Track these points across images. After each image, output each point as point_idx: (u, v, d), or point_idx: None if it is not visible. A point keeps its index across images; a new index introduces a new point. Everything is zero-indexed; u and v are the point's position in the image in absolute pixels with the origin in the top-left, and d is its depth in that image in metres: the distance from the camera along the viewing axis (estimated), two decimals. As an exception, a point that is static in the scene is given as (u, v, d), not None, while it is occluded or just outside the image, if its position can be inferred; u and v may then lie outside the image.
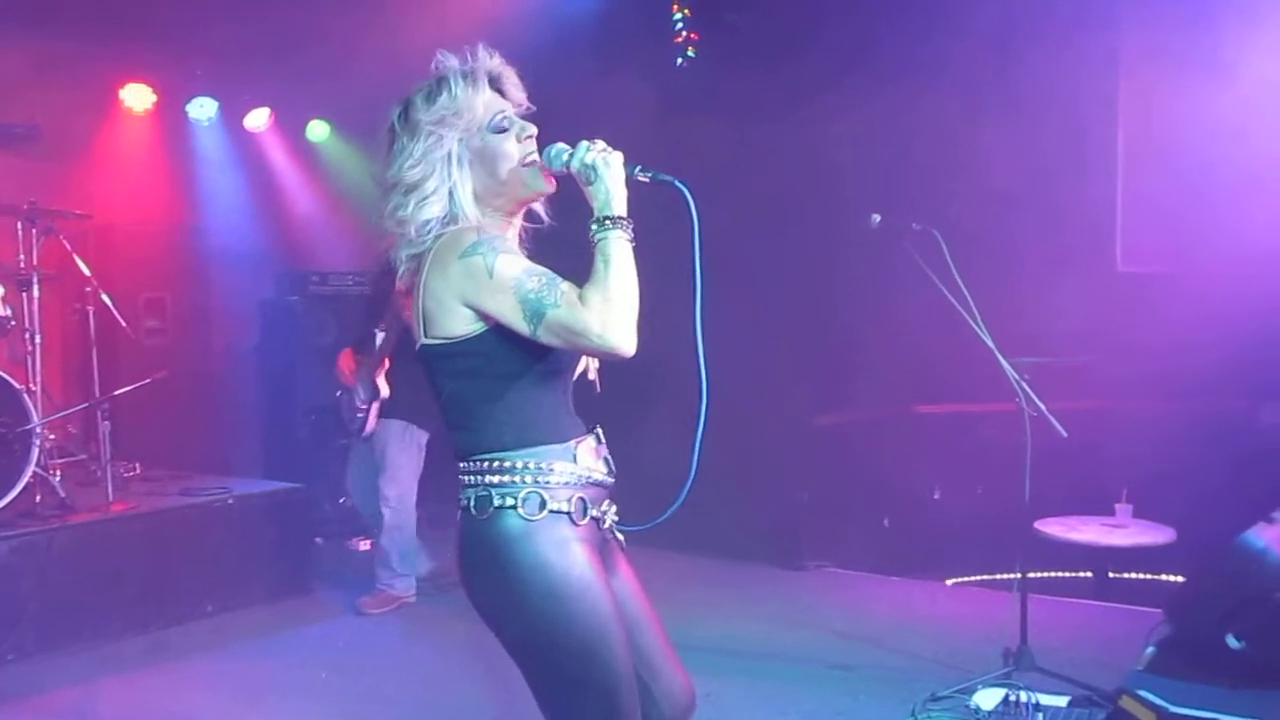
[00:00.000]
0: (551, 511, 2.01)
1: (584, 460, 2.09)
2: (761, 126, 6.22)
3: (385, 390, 5.19)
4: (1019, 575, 4.16)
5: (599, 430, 2.19)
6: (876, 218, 4.01)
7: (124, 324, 5.76)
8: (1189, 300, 5.28)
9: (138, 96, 7.08)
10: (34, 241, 5.39)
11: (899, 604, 5.37)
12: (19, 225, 5.39)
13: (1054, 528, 5.26)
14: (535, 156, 2.10)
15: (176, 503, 5.45)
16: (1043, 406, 3.95)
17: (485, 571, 2.04)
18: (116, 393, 5.49)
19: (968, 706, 3.81)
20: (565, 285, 1.95)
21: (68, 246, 5.52)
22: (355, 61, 6.51)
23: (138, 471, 6.01)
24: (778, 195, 6.14)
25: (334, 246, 7.31)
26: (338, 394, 5.39)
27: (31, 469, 4.93)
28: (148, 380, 5.57)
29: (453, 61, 2.11)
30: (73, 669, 4.54)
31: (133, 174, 7.15)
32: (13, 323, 5.20)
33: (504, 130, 2.10)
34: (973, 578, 5.85)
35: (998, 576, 5.59)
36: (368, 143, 8.06)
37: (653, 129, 6.32)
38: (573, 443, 2.08)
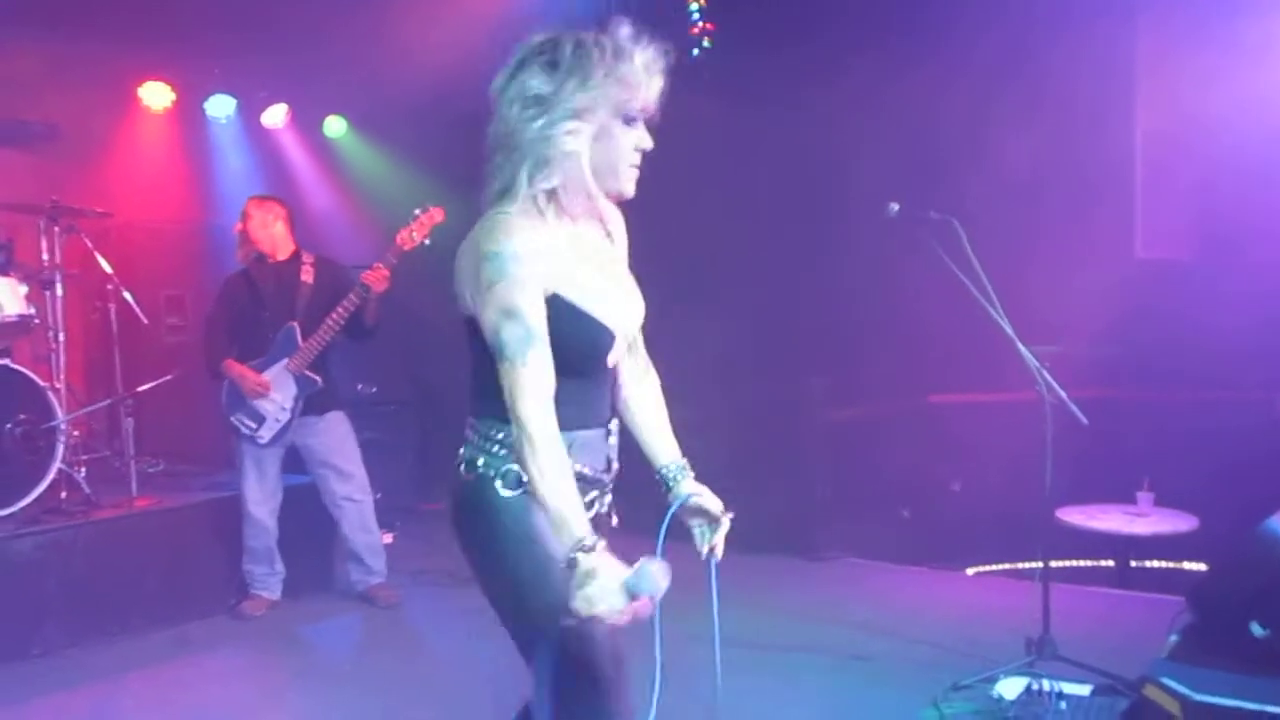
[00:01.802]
0: (526, 492, 2.01)
1: (579, 451, 2.08)
2: (776, 115, 6.21)
3: (320, 381, 5.15)
4: (1041, 564, 4.14)
5: (611, 425, 2.19)
6: (894, 206, 3.98)
7: (145, 321, 5.80)
8: (1209, 287, 5.26)
9: (156, 95, 7.11)
10: (56, 240, 5.44)
11: (920, 594, 5.36)
12: (41, 224, 5.44)
13: (1075, 516, 5.25)
14: (634, 171, 2.10)
15: (200, 498, 5.49)
16: (1063, 394, 3.93)
17: (469, 527, 2.11)
18: (139, 389, 5.53)
19: (990, 696, 3.81)
20: (534, 356, 1.95)
21: (89, 245, 5.55)
22: (371, 57, 6.53)
23: (161, 467, 6.05)
24: (794, 185, 6.14)
25: (351, 242, 7.34)
26: (241, 412, 5.13)
27: (56, 465, 4.98)
28: (169, 376, 5.61)
29: (643, 40, 2.07)
30: (98, 663, 4.58)
31: (152, 172, 7.19)
32: (36, 321, 5.23)
33: (633, 123, 2.08)
34: (994, 567, 5.84)
35: (1019, 565, 5.59)
36: (384, 138, 8.15)
37: (665, 119, 6.33)
38: (576, 432, 2.07)
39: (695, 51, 6.56)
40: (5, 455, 4.84)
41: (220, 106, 7.48)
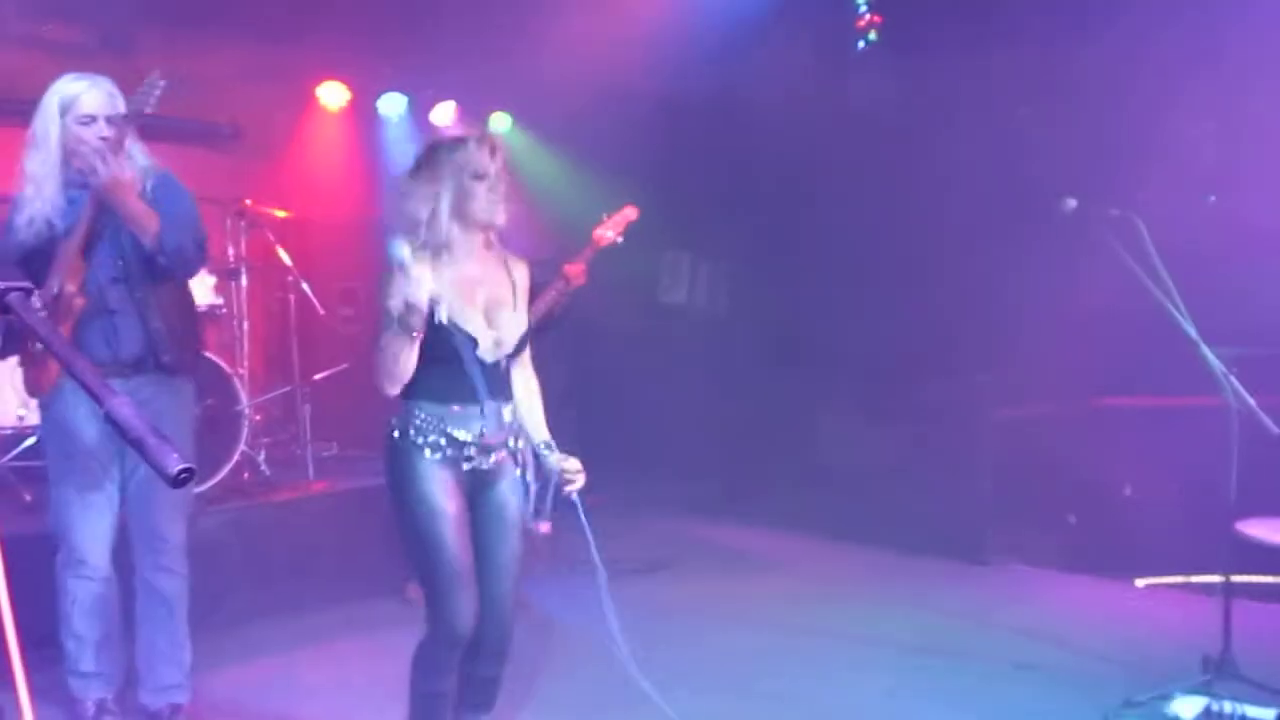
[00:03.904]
0: (412, 443, 3.00)
1: (455, 420, 2.99)
2: (946, 108, 6.07)
3: None
4: (1222, 578, 3.95)
5: (485, 405, 3.00)
6: (1071, 202, 3.85)
7: (322, 312, 6.05)
8: None
9: (332, 94, 7.39)
10: (241, 234, 5.73)
11: (1088, 604, 5.18)
12: (227, 220, 5.73)
13: (1259, 530, 4.96)
14: (495, 205, 3.08)
15: (371, 482, 5.66)
16: (1251, 401, 3.73)
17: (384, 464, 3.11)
18: (316, 377, 5.77)
19: (1165, 714, 3.65)
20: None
21: (271, 239, 5.83)
22: (536, 53, 6.64)
23: (335, 451, 6.31)
24: (963, 181, 5.99)
25: (515, 236, 7.49)
26: None
27: (240, 448, 5.24)
28: (344, 365, 5.84)
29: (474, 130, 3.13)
30: (273, 637, 4.80)
31: (328, 169, 7.48)
32: (222, 310, 5.54)
33: (481, 179, 3.01)
34: (1167, 579, 5.59)
35: (1194, 579, 5.33)
36: (549, 134, 8.24)
37: (834, 112, 6.26)
38: (453, 406, 2.99)
39: (861, 44, 6.46)
40: (194, 437, 5.12)
41: (392, 104, 7.72)
